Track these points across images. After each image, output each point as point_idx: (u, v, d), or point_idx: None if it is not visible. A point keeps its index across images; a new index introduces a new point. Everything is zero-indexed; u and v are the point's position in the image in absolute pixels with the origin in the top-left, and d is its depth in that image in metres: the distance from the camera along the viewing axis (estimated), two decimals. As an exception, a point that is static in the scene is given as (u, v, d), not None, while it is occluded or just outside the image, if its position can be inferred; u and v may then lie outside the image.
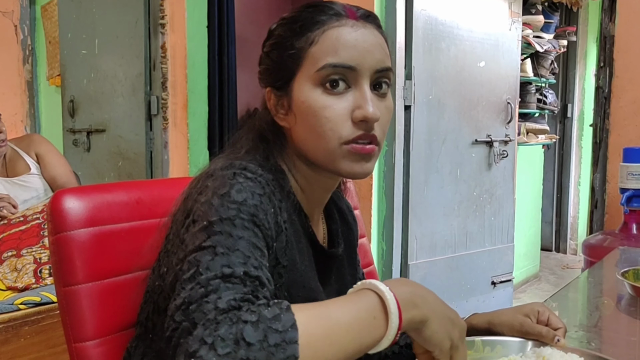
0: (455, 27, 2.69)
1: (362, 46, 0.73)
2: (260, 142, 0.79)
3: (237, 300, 0.54)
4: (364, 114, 0.72)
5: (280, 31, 0.77)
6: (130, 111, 2.97)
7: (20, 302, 1.35)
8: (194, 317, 0.53)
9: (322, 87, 0.72)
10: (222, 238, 0.60)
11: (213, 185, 0.67)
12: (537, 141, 3.64)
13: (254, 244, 0.62)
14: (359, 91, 0.73)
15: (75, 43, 3.13)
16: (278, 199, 0.71)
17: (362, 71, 0.73)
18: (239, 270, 0.57)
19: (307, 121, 0.73)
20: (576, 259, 4.50)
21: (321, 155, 0.74)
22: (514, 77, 3.04)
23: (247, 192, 0.66)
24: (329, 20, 0.73)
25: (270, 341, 0.50)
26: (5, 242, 1.61)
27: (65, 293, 0.88)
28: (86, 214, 0.91)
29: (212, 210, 0.63)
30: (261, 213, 0.66)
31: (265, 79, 0.79)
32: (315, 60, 0.72)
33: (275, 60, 0.76)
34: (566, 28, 3.83)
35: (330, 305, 0.58)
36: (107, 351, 0.90)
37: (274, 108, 0.78)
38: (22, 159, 2.20)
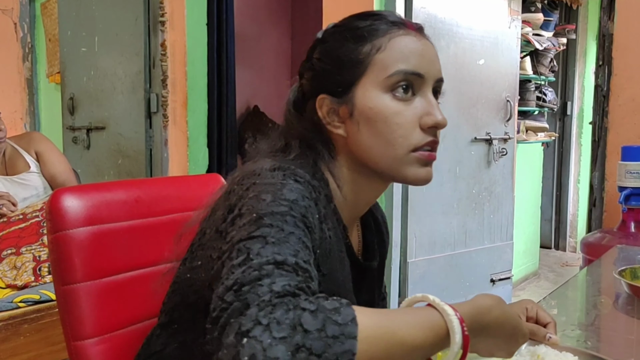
0: (455, 24, 2.69)
1: (427, 55, 0.75)
2: (306, 149, 0.78)
3: (292, 287, 0.52)
4: (435, 121, 0.73)
5: (337, 38, 0.77)
6: (130, 109, 2.97)
7: (20, 300, 1.35)
8: (247, 297, 0.51)
9: (391, 93, 0.73)
10: (272, 230, 0.59)
11: (262, 183, 0.66)
12: (536, 139, 3.64)
13: (304, 242, 0.60)
14: (425, 98, 0.74)
15: (75, 40, 3.13)
16: (323, 206, 0.70)
17: (428, 79, 0.74)
18: (291, 260, 0.56)
19: (374, 127, 0.73)
20: (575, 257, 4.51)
21: (387, 162, 0.74)
22: (513, 75, 3.04)
23: (297, 193, 0.65)
24: (392, 29, 0.74)
25: (328, 332, 0.48)
26: (4, 240, 1.62)
27: (64, 292, 0.89)
28: (85, 213, 0.91)
29: (263, 205, 0.62)
30: (310, 216, 0.65)
31: (317, 86, 0.78)
32: (384, 67, 0.72)
33: (332, 67, 0.76)
34: (566, 26, 3.83)
35: (397, 317, 0.55)
36: (106, 349, 0.90)
37: (327, 116, 0.77)
38: (21, 157, 2.20)
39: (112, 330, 0.91)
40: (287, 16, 5.01)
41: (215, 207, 0.72)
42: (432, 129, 0.74)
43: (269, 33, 4.83)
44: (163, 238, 1.02)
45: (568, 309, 1.20)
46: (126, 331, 0.93)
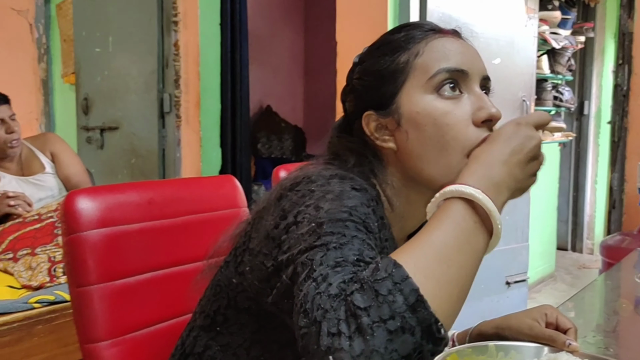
0: (470, 24, 2.65)
1: (467, 52, 0.73)
2: (362, 160, 0.76)
3: (346, 282, 0.51)
4: (489, 112, 0.69)
5: (373, 55, 0.76)
6: (143, 109, 2.98)
7: (35, 301, 1.36)
8: (314, 316, 0.50)
9: (437, 93, 0.70)
10: (334, 238, 0.57)
11: (319, 190, 0.64)
12: (553, 139, 3.59)
13: (369, 244, 0.58)
14: (474, 94, 0.71)
15: (89, 41, 3.15)
16: (380, 216, 0.67)
17: (473, 75, 0.72)
18: (352, 258, 0.54)
19: (423, 133, 0.70)
20: (593, 259, 4.45)
21: (442, 170, 0.70)
22: (529, 75, 3.00)
23: (357, 200, 0.63)
24: (427, 35, 0.73)
25: (382, 292, 0.48)
26: (20, 240, 1.62)
27: (78, 294, 0.89)
28: (98, 215, 0.91)
29: (322, 213, 0.60)
30: (371, 222, 0.62)
31: (361, 105, 0.76)
32: (426, 69, 0.71)
33: (372, 82, 0.75)
34: (583, 24, 3.78)
35: (426, 233, 0.55)
36: (119, 352, 0.90)
37: (375, 133, 0.75)
38: (37, 158, 2.22)
39: (126, 333, 0.91)
40: (300, 16, 5.01)
41: (263, 213, 0.71)
42: (488, 123, 0.70)
43: (281, 32, 4.83)
44: (176, 240, 1.01)
45: (588, 314, 1.18)
46: (140, 334, 0.93)
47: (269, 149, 4.56)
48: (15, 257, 1.57)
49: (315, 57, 4.91)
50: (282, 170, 1.16)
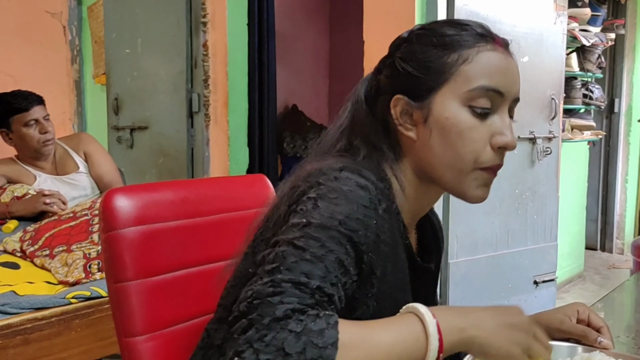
0: (498, 21, 2.63)
1: (510, 74, 0.75)
2: (372, 149, 0.78)
3: (294, 311, 0.56)
4: (506, 142, 0.73)
5: (423, 41, 0.76)
6: (172, 108, 3.03)
7: (72, 296, 1.40)
8: (253, 317, 0.56)
9: (470, 107, 0.73)
10: (314, 244, 0.62)
11: (325, 185, 0.68)
12: (582, 137, 3.54)
13: (342, 261, 0.63)
14: (501, 117, 0.74)
15: (119, 42, 3.20)
16: (383, 209, 0.70)
17: (507, 98, 0.74)
18: (314, 284, 0.59)
19: (447, 138, 0.73)
20: (623, 259, 4.37)
21: (451, 174, 0.75)
22: (558, 72, 2.96)
23: (354, 203, 0.66)
24: (480, 42, 0.74)
25: (307, 355, 0.53)
26: (56, 238, 1.67)
27: (116, 289, 0.91)
28: (135, 213, 0.93)
29: (316, 212, 0.65)
30: (362, 228, 0.66)
31: (396, 85, 0.77)
32: (467, 79, 0.72)
33: (416, 69, 0.75)
34: (614, 21, 3.71)
35: (375, 326, 0.60)
36: (156, 346, 0.92)
37: (400, 117, 0.77)
38: (71, 158, 2.27)
39: (162, 328, 0.93)
40: (325, 15, 5.01)
41: (279, 203, 0.74)
42: (501, 150, 0.74)
43: (307, 32, 4.85)
44: (210, 238, 1.03)
45: (619, 315, 1.17)
46: (176, 329, 0.95)
47: (294, 148, 4.58)
48: (51, 254, 1.61)
49: (340, 56, 4.91)
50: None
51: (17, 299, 1.35)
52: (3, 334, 1.26)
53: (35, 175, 2.20)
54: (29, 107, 2.11)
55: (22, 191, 2.08)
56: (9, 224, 1.94)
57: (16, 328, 1.28)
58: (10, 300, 1.34)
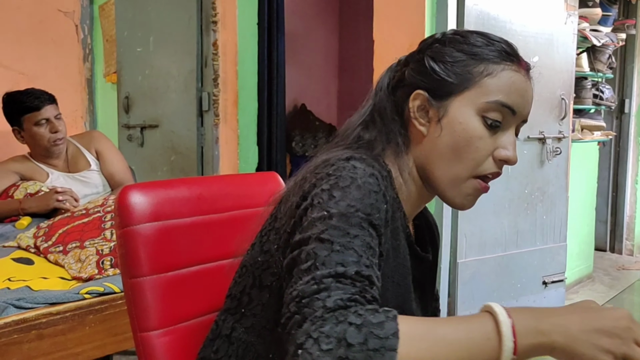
0: (508, 21, 2.63)
1: (526, 97, 0.79)
2: (379, 140, 0.82)
3: (344, 300, 0.57)
4: (508, 157, 0.78)
5: (455, 46, 0.80)
6: (182, 107, 3.04)
7: (86, 292, 1.41)
8: (305, 311, 0.57)
9: (483, 118, 0.77)
10: (339, 233, 0.64)
11: (335, 175, 0.70)
12: (592, 138, 3.52)
13: (368, 243, 0.65)
14: (508, 133, 0.79)
15: (130, 41, 3.22)
16: (390, 195, 0.74)
17: (518, 117, 0.79)
18: (351, 270, 0.61)
19: (455, 141, 0.77)
20: (632, 260, 4.34)
21: (447, 176, 0.79)
22: (568, 72, 2.95)
23: (365, 189, 0.69)
24: (507, 60, 0.78)
25: (370, 345, 0.53)
26: (69, 234, 1.69)
27: (131, 285, 0.92)
28: (150, 209, 0.95)
29: (332, 202, 0.67)
30: (376, 212, 0.68)
31: (420, 81, 0.81)
32: (487, 91, 0.77)
33: (443, 71, 0.79)
34: (625, 21, 3.69)
35: (440, 321, 0.59)
36: (171, 341, 0.93)
37: (416, 110, 0.81)
38: (83, 156, 2.29)
39: (177, 323, 0.94)
40: (335, 15, 5.02)
41: (289, 194, 0.77)
42: (502, 163, 0.79)
43: (316, 32, 4.85)
44: (224, 234, 1.04)
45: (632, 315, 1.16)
46: (190, 324, 0.96)
47: (303, 147, 4.59)
48: (65, 250, 1.63)
49: (350, 56, 4.91)
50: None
51: (32, 294, 1.36)
52: (18, 328, 1.28)
53: (47, 172, 2.22)
54: (40, 107, 2.13)
55: (35, 188, 2.11)
56: (22, 221, 1.97)
57: (31, 323, 1.30)
58: (25, 295, 1.35)
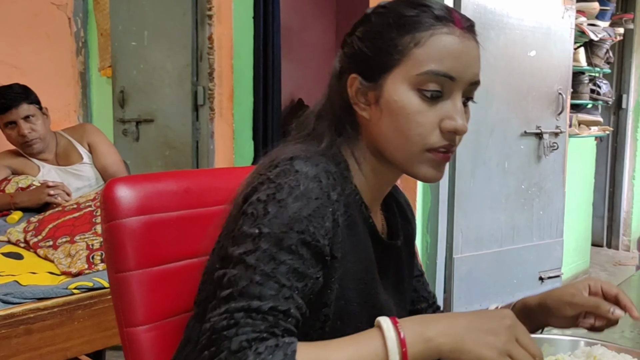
0: (505, 15, 2.62)
1: (465, 58, 0.73)
2: (329, 130, 0.79)
3: (249, 341, 0.59)
4: (455, 127, 0.73)
5: (381, 21, 0.75)
6: (177, 101, 3.03)
7: (74, 287, 1.40)
8: (212, 351, 0.60)
9: (419, 91, 0.72)
10: (265, 258, 0.64)
11: (275, 183, 0.68)
12: (589, 133, 3.51)
13: (295, 269, 0.64)
14: (452, 102, 0.73)
15: (125, 35, 3.20)
16: (338, 193, 0.71)
17: (460, 82, 0.73)
18: (266, 305, 0.61)
19: (395, 120, 0.74)
20: (629, 256, 4.35)
21: (400, 155, 0.75)
22: (566, 67, 2.94)
23: (304, 198, 0.67)
24: (437, 25, 0.72)
25: None
26: (60, 229, 1.67)
27: (117, 279, 0.91)
28: (137, 203, 0.93)
29: (266, 220, 0.66)
30: (313, 224, 0.67)
31: (353, 65, 0.77)
32: (418, 63, 0.72)
33: (369, 50, 0.75)
34: (623, 15, 3.67)
35: (334, 346, 0.61)
36: (157, 336, 0.92)
37: (355, 95, 0.77)
38: (75, 149, 2.27)
39: (163, 318, 0.93)
40: (332, 9, 5.00)
41: (239, 194, 0.75)
42: (451, 134, 0.74)
43: (313, 26, 4.83)
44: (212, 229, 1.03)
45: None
46: (177, 319, 0.95)
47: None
48: (55, 245, 1.62)
49: (347, 50, 4.90)
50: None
51: (20, 289, 1.35)
52: (6, 323, 1.26)
53: (39, 166, 2.20)
54: (8, 108, 2.08)
55: (26, 182, 2.09)
56: (14, 215, 1.95)
57: (19, 318, 1.28)
58: (13, 290, 1.34)
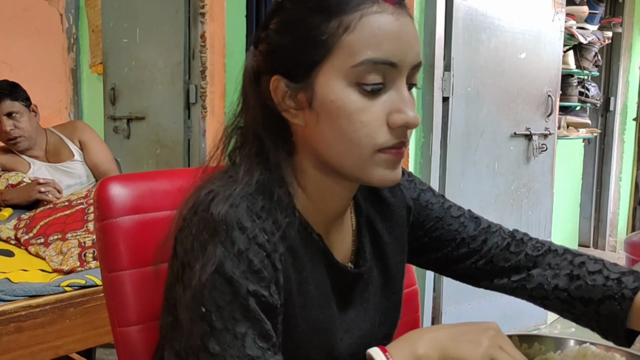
0: (497, 18, 2.64)
1: (404, 39, 0.62)
2: (259, 146, 0.67)
3: None
4: (406, 120, 0.63)
5: (298, 7, 0.64)
6: (169, 99, 3.02)
7: (66, 285, 1.40)
8: None
9: (358, 85, 0.61)
10: (227, 340, 0.58)
11: (198, 241, 0.61)
12: (577, 135, 3.55)
13: (259, 334, 0.59)
14: (396, 92, 0.63)
15: (117, 32, 3.19)
16: (268, 232, 0.62)
17: (403, 68, 0.63)
18: None
19: (335, 123, 0.62)
20: (615, 256, 4.39)
21: (350, 162, 0.64)
22: (555, 70, 2.97)
23: (232, 258, 0.59)
24: (365, 3, 0.61)
25: None
26: (51, 226, 1.67)
27: (110, 278, 0.91)
28: (131, 202, 0.93)
29: (206, 293, 0.59)
30: (250, 281, 0.59)
31: (272, 64, 0.65)
32: (351, 52, 0.60)
33: (290, 43, 0.63)
34: (611, 19, 3.71)
35: None
36: (150, 337, 0.91)
37: (282, 101, 0.65)
38: (66, 146, 2.26)
39: (156, 318, 0.92)
40: (324, 8, 5.00)
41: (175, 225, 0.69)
42: (402, 129, 0.63)
43: (306, 25, 4.84)
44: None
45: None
46: (170, 319, 0.95)
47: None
48: (46, 242, 1.61)
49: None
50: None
51: (11, 286, 1.35)
52: (-3, 321, 1.26)
53: (29, 163, 2.19)
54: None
55: (16, 179, 2.08)
56: (4, 212, 1.94)
57: (10, 315, 1.28)
58: (4, 287, 1.34)
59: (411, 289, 1.60)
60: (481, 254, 0.85)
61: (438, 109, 2.49)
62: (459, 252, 0.85)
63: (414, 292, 1.62)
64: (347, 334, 0.74)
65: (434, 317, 2.62)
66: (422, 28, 2.45)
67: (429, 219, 0.85)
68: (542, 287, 0.81)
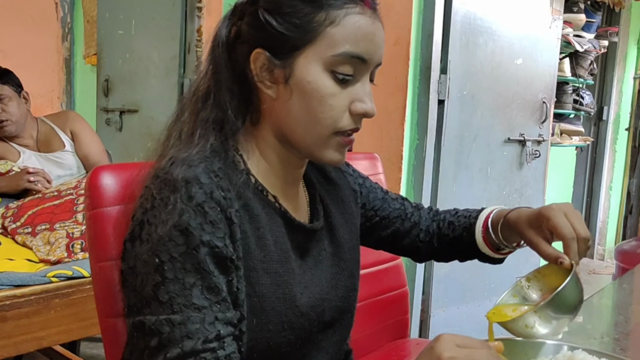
0: (494, 22, 2.64)
1: (376, 40, 0.73)
2: (225, 113, 0.74)
3: None
4: (365, 110, 0.73)
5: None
6: (162, 93, 2.99)
7: (53, 275, 1.37)
8: None
9: (332, 73, 0.71)
10: (176, 289, 0.63)
11: (157, 199, 0.67)
12: (570, 142, 3.57)
13: (207, 286, 0.64)
14: (361, 84, 0.73)
15: (112, 23, 3.16)
16: (224, 189, 0.68)
17: (370, 65, 0.73)
18: (198, 344, 0.62)
19: (307, 102, 0.71)
20: (604, 265, 4.42)
21: (309, 138, 0.73)
22: (551, 76, 2.98)
23: (188, 210, 0.65)
24: (350, 3, 0.71)
25: None
26: (39, 216, 1.64)
27: (99, 268, 0.89)
28: (121, 191, 0.92)
29: (161, 245, 0.64)
30: (206, 231, 0.65)
31: (257, 38, 0.72)
32: (333, 43, 0.70)
33: (282, 25, 0.70)
34: (608, 28, 3.74)
35: None
36: (137, 328, 0.91)
37: (260, 72, 0.73)
38: (57, 136, 2.24)
39: (144, 310, 0.92)
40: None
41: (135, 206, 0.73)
42: (360, 117, 0.74)
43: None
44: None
45: (603, 318, 1.18)
46: (158, 311, 0.94)
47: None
48: (34, 232, 1.59)
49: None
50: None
51: (-4, 275, 1.32)
52: (-20, 309, 1.24)
53: (19, 151, 2.16)
54: None
55: (5, 167, 2.05)
56: (-9, 200, 1.92)
57: (-6, 304, 1.26)
58: (-11, 276, 1.32)
59: (401, 290, 1.59)
60: (420, 226, 1.01)
61: (433, 111, 2.49)
62: (404, 226, 1.00)
63: (404, 294, 1.61)
64: (307, 290, 0.78)
65: (422, 319, 2.62)
66: (420, 30, 2.44)
67: (377, 200, 0.99)
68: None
